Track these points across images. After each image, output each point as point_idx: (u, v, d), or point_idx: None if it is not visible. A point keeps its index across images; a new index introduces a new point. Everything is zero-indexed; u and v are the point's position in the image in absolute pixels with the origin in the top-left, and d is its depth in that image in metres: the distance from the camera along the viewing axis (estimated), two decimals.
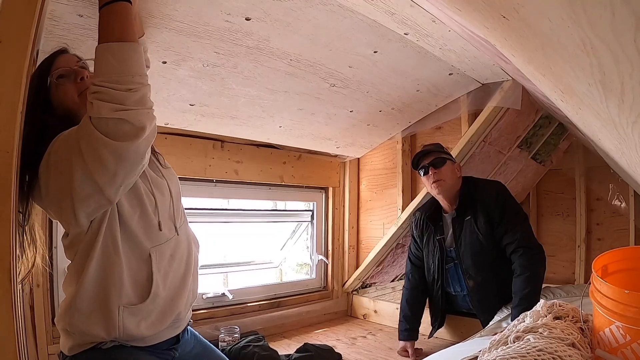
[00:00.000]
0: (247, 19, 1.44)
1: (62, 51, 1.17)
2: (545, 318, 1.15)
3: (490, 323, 1.86)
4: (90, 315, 1.03)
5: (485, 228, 1.93)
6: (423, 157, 2.04)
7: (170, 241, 1.16)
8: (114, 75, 0.92)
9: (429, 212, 2.17)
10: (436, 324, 2.19)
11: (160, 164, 1.27)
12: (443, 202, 2.09)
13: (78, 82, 1.11)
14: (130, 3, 0.98)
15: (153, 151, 1.24)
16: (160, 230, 1.14)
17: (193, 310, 2.18)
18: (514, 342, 1.05)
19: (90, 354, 1.05)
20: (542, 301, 1.28)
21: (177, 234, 1.18)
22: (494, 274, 1.96)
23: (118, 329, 1.04)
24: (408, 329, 2.14)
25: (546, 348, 0.97)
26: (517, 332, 1.10)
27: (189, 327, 1.32)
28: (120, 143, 0.91)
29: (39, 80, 1.08)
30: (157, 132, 1.49)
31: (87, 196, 0.95)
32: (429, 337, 2.24)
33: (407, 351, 2.10)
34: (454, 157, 2.09)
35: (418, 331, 2.16)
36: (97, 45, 0.94)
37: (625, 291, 0.92)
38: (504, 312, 1.89)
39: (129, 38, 0.95)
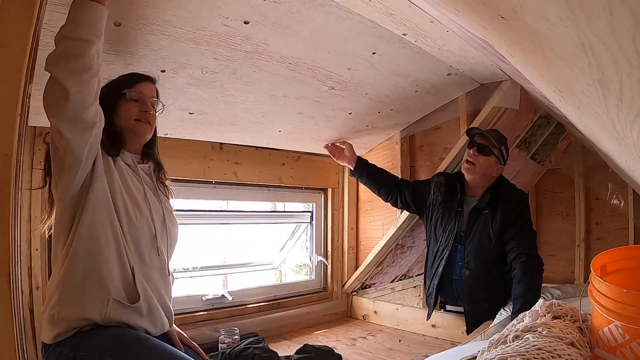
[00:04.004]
0: (246, 23, 1.44)
1: (151, 79, 1.41)
2: (544, 317, 1.15)
3: (491, 326, 1.87)
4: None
5: (498, 227, 1.98)
6: (482, 137, 2.04)
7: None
8: None
9: (457, 181, 2.15)
10: (431, 301, 2.22)
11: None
12: (468, 179, 2.11)
13: (142, 111, 1.33)
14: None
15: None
16: None
17: (192, 312, 2.21)
18: (513, 341, 1.06)
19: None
20: (540, 301, 1.29)
21: None
22: (489, 272, 2.02)
23: None
24: (365, 164, 2.38)
25: (545, 347, 0.97)
26: (516, 331, 1.10)
27: None
28: None
29: (121, 84, 1.32)
30: (157, 136, 1.52)
31: None
32: (427, 319, 2.32)
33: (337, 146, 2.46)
34: (505, 160, 2.07)
35: (358, 166, 2.37)
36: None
37: (624, 290, 0.93)
38: (503, 315, 1.90)
39: None
